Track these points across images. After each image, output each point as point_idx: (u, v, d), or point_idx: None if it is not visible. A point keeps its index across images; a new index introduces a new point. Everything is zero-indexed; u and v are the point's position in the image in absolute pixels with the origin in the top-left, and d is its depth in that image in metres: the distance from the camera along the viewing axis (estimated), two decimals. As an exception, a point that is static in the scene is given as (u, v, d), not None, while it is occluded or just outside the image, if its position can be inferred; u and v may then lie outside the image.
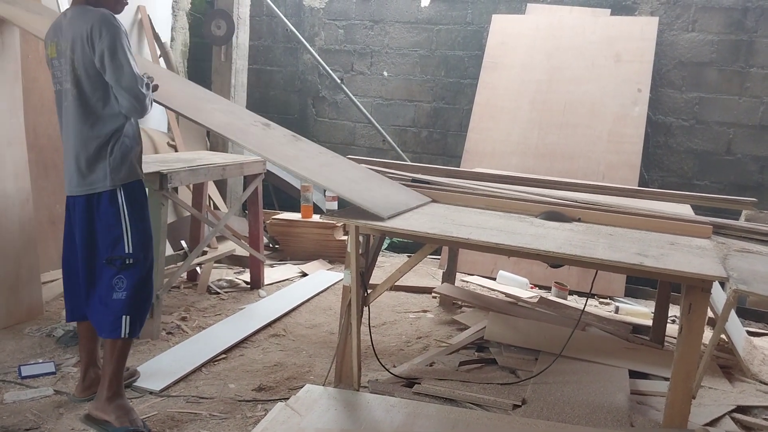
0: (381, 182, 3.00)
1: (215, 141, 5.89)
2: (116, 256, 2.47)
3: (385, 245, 5.89)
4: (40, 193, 4.01)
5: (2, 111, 3.56)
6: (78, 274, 2.59)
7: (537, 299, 4.49)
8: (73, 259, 2.60)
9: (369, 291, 2.89)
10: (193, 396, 2.87)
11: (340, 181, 2.70)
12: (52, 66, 2.53)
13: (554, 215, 3.01)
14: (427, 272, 5.35)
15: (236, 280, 4.68)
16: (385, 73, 6.36)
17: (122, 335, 2.49)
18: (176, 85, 3.35)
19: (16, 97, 3.66)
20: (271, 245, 5.67)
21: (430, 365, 3.28)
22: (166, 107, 2.87)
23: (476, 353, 3.48)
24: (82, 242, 2.51)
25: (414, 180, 3.61)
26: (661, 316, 3.80)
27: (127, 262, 2.49)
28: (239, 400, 2.85)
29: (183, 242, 4.66)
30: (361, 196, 2.57)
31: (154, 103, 2.59)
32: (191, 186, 4.80)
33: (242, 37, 5.86)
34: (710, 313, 3.60)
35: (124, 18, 5.65)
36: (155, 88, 2.62)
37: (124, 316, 2.49)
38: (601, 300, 4.88)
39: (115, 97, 2.45)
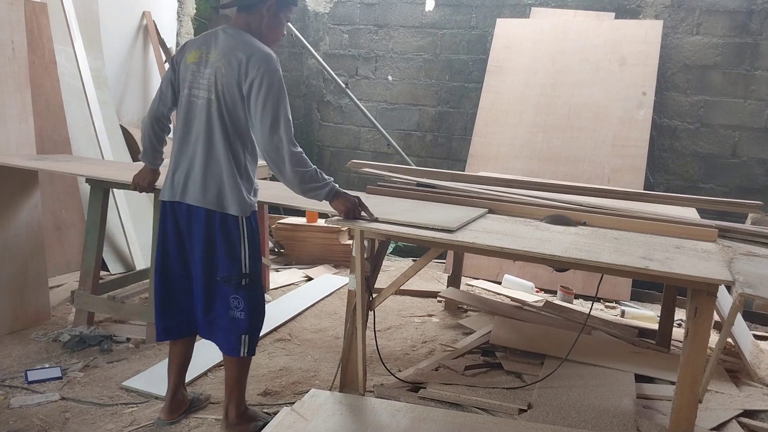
0: (433, 206, 3.11)
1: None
2: (233, 274, 2.41)
3: (390, 249, 5.89)
4: (45, 199, 4.03)
5: (12, 116, 3.59)
6: (176, 290, 2.53)
7: (542, 303, 4.48)
8: (171, 274, 2.53)
9: (374, 295, 2.89)
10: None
11: (397, 212, 2.76)
12: (188, 69, 2.42)
13: (559, 219, 3.01)
14: (433, 276, 5.34)
15: (241, 284, 4.68)
16: (390, 78, 6.37)
17: (241, 354, 2.46)
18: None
19: (25, 103, 3.69)
20: (276, 250, 5.68)
21: (436, 369, 3.28)
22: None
23: (482, 357, 3.48)
24: (200, 256, 2.42)
25: (419, 184, 3.62)
26: (667, 320, 3.79)
27: (243, 283, 2.43)
28: (245, 405, 2.85)
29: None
30: (424, 219, 2.64)
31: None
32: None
33: (247, 43, 5.87)
34: (716, 317, 3.59)
35: (129, 24, 5.69)
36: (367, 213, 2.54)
37: (243, 336, 2.46)
38: (606, 304, 4.87)
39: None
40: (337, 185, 2.46)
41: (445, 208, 3.06)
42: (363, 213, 2.54)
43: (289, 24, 6.05)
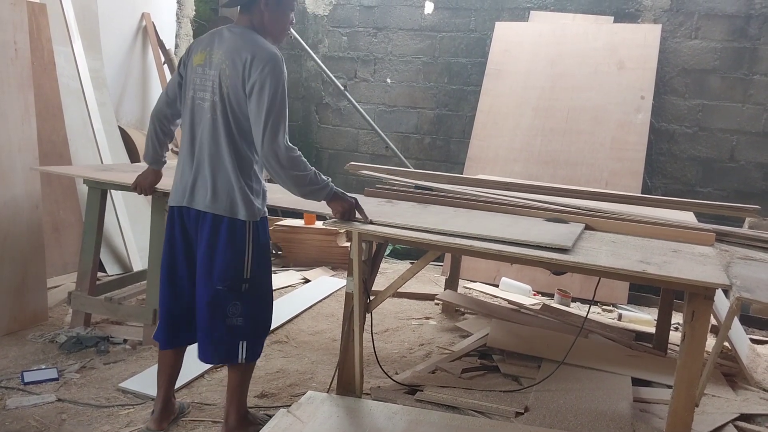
0: (528, 220, 2.99)
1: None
2: (234, 281, 2.37)
3: (387, 252, 5.89)
4: (43, 200, 4.02)
5: (14, 117, 3.57)
6: (184, 297, 2.47)
7: (540, 306, 4.49)
8: (179, 281, 2.47)
9: (371, 298, 2.89)
10: (196, 402, 2.87)
11: (496, 227, 2.65)
12: (194, 72, 2.38)
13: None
14: (430, 279, 5.34)
15: (239, 286, 4.68)
16: (389, 80, 6.38)
17: (239, 360, 2.43)
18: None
19: (28, 104, 3.67)
20: (274, 251, 5.68)
21: (433, 372, 3.27)
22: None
23: (479, 360, 3.48)
24: (203, 262, 2.37)
25: (417, 187, 3.62)
26: (663, 324, 3.79)
27: (243, 288, 2.39)
28: (241, 407, 2.85)
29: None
30: (530, 235, 2.53)
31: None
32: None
33: (246, 44, 5.87)
34: (713, 321, 3.59)
35: (128, 25, 5.69)
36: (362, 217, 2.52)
37: (241, 342, 2.42)
38: (603, 307, 4.87)
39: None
40: (334, 186, 2.45)
41: (543, 222, 2.92)
42: (358, 215, 2.53)
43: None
